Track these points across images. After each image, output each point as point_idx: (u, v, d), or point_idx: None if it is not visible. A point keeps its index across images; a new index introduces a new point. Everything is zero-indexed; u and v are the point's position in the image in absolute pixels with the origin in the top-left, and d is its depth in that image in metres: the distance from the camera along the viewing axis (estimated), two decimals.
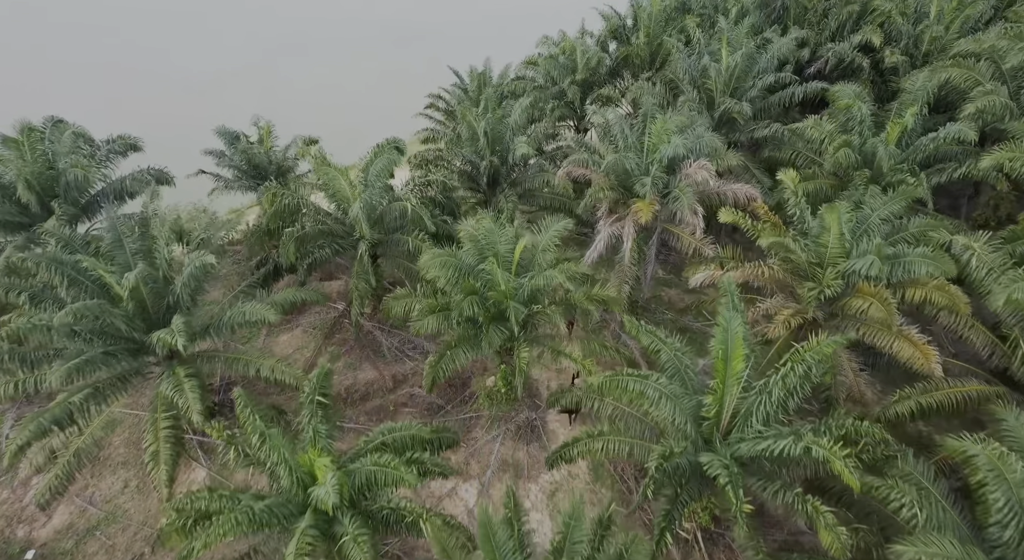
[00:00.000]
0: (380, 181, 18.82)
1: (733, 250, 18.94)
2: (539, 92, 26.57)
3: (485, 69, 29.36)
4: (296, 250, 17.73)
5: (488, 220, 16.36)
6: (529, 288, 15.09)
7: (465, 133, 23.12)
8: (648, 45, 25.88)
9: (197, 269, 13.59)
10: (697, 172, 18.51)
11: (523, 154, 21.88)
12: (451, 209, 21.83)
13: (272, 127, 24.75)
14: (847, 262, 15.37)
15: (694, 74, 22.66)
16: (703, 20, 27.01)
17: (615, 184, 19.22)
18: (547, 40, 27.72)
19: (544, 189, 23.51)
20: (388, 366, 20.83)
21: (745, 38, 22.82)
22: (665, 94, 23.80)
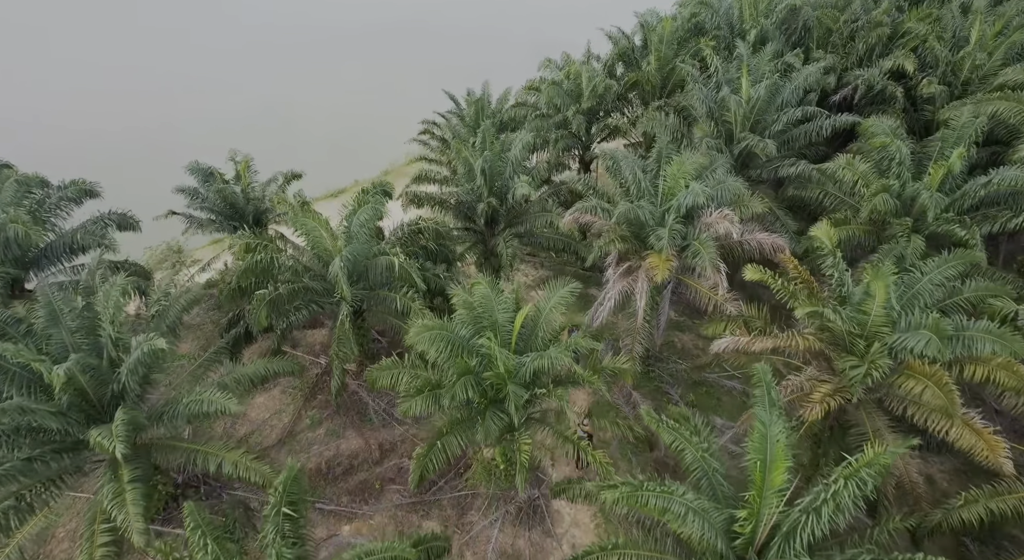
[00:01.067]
0: (365, 231, 16.94)
1: (759, 309, 17.06)
2: (541, 120, 24.75)
3: (483, 93, 27.54)
4: (269, 314, 15.84)
5: (484, 285, 14.48)
6: (531, 369, 13.19)
7: (461, 169, 21.29)
8: (659, 70, 24.05)
9: (145, 355, 11.68)
10: (719, 223, 16.65)
11: (524, 194, 20.01)
12: (445, 256, 19.95)
13: (251, 161, 22.90)
14: (895, 336, 13.47)
15: (711, 105, 20.82)
16: (719, 43, 25.16)
17: (627, 234, 17.35)
18: (550, 63, 25.90)
19: (547, 229, 21.66)
20: (375, 432, 18.93)
21: (768, 66, 20.92)
22: (679, 126, 21.94)
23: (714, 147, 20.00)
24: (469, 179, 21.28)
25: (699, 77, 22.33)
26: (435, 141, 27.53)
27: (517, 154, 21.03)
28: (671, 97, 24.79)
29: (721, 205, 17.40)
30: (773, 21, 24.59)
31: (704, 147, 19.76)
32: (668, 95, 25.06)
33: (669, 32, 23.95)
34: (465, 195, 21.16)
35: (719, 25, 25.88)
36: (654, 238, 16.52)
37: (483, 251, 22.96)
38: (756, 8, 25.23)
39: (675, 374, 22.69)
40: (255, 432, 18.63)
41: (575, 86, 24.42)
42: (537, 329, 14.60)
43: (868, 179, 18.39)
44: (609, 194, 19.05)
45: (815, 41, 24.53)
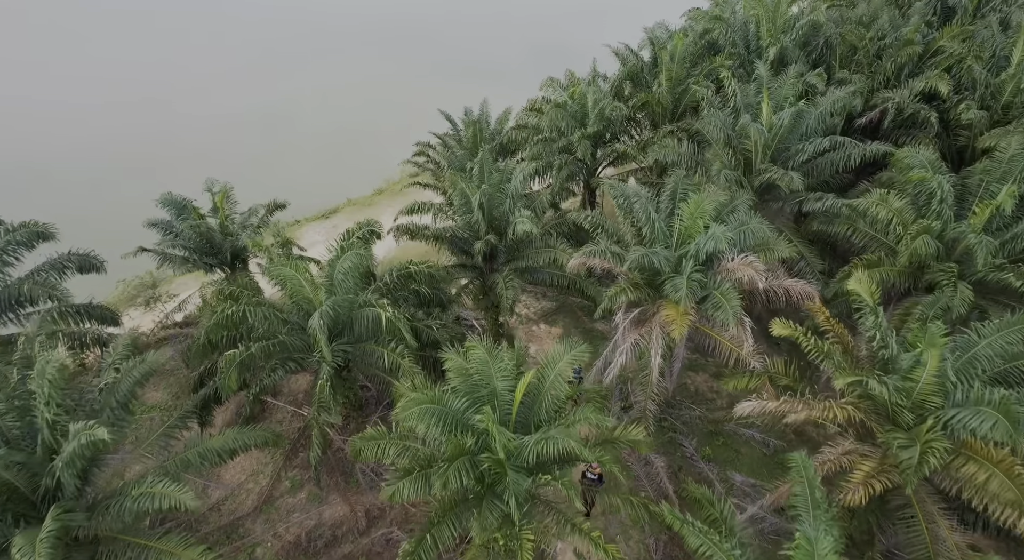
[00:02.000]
0: (350, 280, 15.27)
1: (787, 365, 15.38)
2: (544, 145, 23.08)
3: (482, 113, 25.97)
4: (240, 376, 14.18)
5: (481, 349, 12.81)
6: (534, 452, 11.51)
7: (457, 200, 19.60)
8: (671, 91, 22.40)
9: (83, 447, 10.00)
10: (742, 271, 14.96)
11: (525, 231, 18.33)
12: (439, 300, 18.29)
13: (230, 191, 21.24)
14: (951, 412, 11.80)
15: (729, 133, 19.15)
16: (735, 61, 23.50)
17: (639, 282, 15.68)
18: (552, 82, 24.27)
19: (551, 266, 19.95)
20: (361, 496, 17.28)
21: (791, 91, 19.26)
22: (693, 153, 20.27)
23: (733, 179, 18.33)
24: (466, 212, 19.61)
25: (715, 101, 20.68)
26: (430, 164, 25.90)
27: (518, 186, 19.37)
28: (683, 119, 23.15)
29: (744, 249, 15.73)
30: (793, 38, 22.94)
31: (722, 179, 18.09)
32: (679, 117, 23.42)
33: (681, 50, 22.29)
34: (461, 231, 19.49)
35: (734, 41, 24.24)
36: (671, 288, 14.85)
37: (481, 287, 21.30)
38: (774, 24, 23.58)
39: (689, 422, 21.01)
40: (229, 498, 16.97)
41: (580, 108, 22.78)
42: (541, 397, 12.95)
43: (904, 217, 16.72)
44: (619, 234, 17.39)
45: (838, 59, 22.89)
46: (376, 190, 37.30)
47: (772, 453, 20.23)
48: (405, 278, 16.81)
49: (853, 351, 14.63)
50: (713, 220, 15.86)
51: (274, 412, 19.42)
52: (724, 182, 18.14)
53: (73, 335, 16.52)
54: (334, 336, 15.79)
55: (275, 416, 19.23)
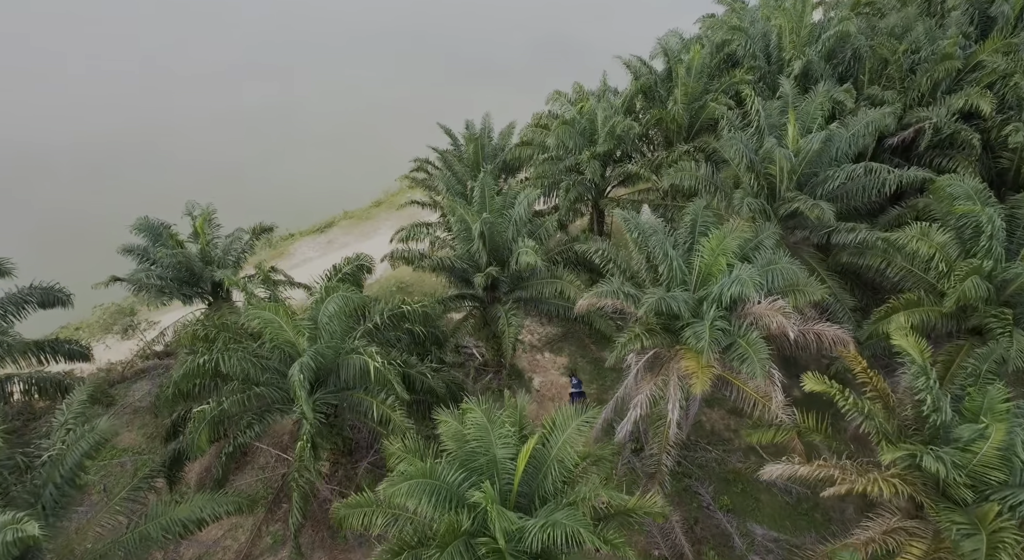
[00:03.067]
0: (336, 324, 13.79)
1: (818, 421, 13.87)
2: (550, 164, 21.58)
3: (484, 127, 24.50)
4: (212, 433, 12.73)
5: (478, 412, 11.35)
6: (538, 538, 10.04)
7: (456, 227, 18.16)
8: (687, 108, 20.85)
9: (8, 545, 8.56)
10: (771, 317, 13.45)
11: (529, 264, 16.87)
12: (436, 338, 16.83)
13: (212, 214, 19.79)
14: (1021, 494, 10.28)
15: (752, 157, 17.62)
16: (755, 74, 21.95)
17: (655, 327, 14.18)
18: (559, 96, 22.76)
19: (557, 298, 18.50)
20: (349, 552, 15.85)
21: (819, 110, 17.73)
22: (712, 176, 18.76)
23: (757, 208, 16.80)
24: (465, 240, 18.17)
25: (736, 120, 19.14)
26: (429, 180, 24.40)
27: (522, 213, 17.91)
28: (699, 137, 21.61)
29: (772, 291, 14.20)
30: (819, 50, 21.36)
31: (745, 209, 16.56)
32: (696, 135, 21.88)
33: (699, 65, 20.74)
34: (460, 260, 18.03)
35: (754, 53, 22.67)
36: (691, 337, 13.35)
37: (481, 318, 19.85)
38: (798, 35, 22.02)
39: (705, 465, 19.53)
40: (204, 557, 15.51)
41: (589, 124, 21.26)
42: (547, 467, 11.49)
43: (948, 254, 15.19)
44: (632, 270, 15.89)
45: (867, 73, 21.31)
46: (374, 202, 35.85)
47: (796, 502, 18.74)
48: (397, 318, 15.34)
49: (895, 408, 13.12)
50: (737, 257, 14.36)
51: (256, 456, 18.00)
52: (747, 211, 16.61)
53: (30, 379, 15.09)
54: (318, 384, 14.37)
55: (257, 460, 17.80)
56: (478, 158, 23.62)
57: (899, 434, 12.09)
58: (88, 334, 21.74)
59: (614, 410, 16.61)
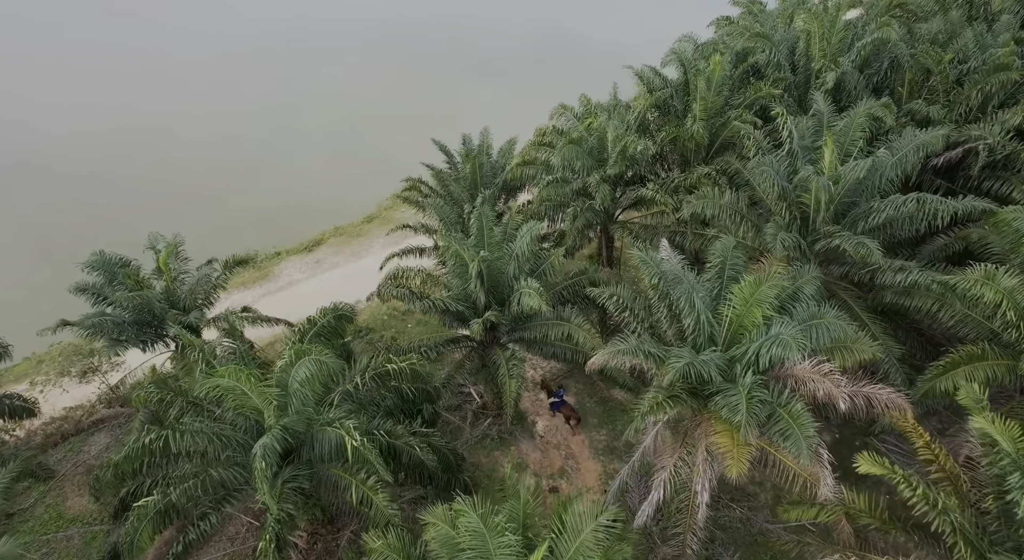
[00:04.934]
0: (308, 390, 11.87)
1: (872, 506, 11.93)
2: (555, 187, 19.63)
3: (482, 142, 22.59)
4: (157, 529, 10.82)
5: (473, 516, 9.44)
6: None
7: (451, 264, 16.25)
8: (707, 126, 18.87)
9: None
10: (817, 383, 11.52)
11: (532, 307, 14.96)
12: (427, 394, 14.91)
13: (179, 246, 17.87)
14: None
15: (784, 185, 15.66)
16: (780, 86, 19.95)
17: (680, 392, 12.25)
18: (565, 111, 20.79)
19: (563, 342, 16.58)
20: None
21: (859, 131, 15.77)
22: (737, 203, 16.82)
23: (792, 245, 14.83)
24: (461, 278, 16.26)
25: (763, 141, 17.16)
26: (422, 201, 22.46)
27: (524, 248, 15.96)
28: (719, 156, 19.64)
29: (815, 349, 12.26)
30: (853, 60, 19.37)
31: (779, 246, 14.60)
32: (715, 154, 19.91)
33: (720, 77, 18.74)
34: (456, 302, 16.10)
35: (778, 62, 20.66)
36: (725, 410, 11.44)
37: (479, 361, 17.93)
38: (828, 42, 20.01)
39: (728, 526, 17.59)
40: None
41: (598, 143, 19.29)
42: None
43: (1018, 300, 13.20)
44: (651, 318, 13.94)
45: (907, 85, 19.30)
46: (366, 217, 33.87)
47: None
48: (381, 378, 13.41)
49: (966, 494, 11.18)
50: (773, 308, 12.43)
51: (227, 523, 16.07)
52: (781, 249, 14.65)
53: None
54: (289, 458, 12.47)
55: (225, 530, 15.87)
56: (475, 177, 21.73)
57: (981, 535, 10.15)
58: (48, 370, 19.84)
59: (630, 474, 14.72)
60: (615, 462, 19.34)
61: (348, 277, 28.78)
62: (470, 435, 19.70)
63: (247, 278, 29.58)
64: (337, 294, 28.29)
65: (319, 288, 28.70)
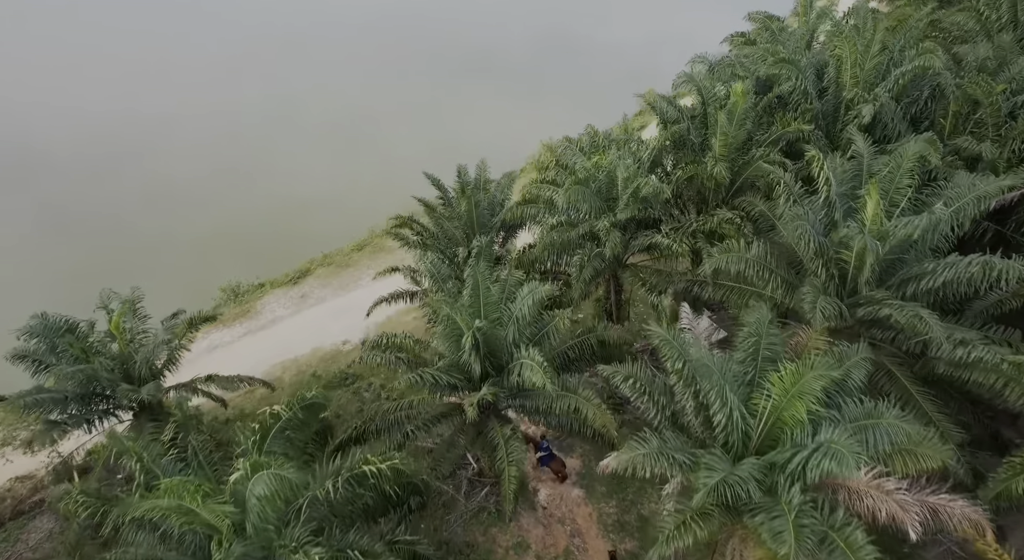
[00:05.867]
0: (268, 509, 9.90)
1: None
2: (560, 232, 17.70)
3: (478, 176, 20.65)
4: None
5: None
6: None
7: (443, 328, 14.30)
8: (729, 165, 16.93)
9: None
10: (877, 501, 9.57)
11: (536, 384, 13.02)
12: (414, 487, 12.94)
13: (136, 303, 15.94)
14: None
15: (821, 241, 13.71)
16: (808, 116, 18.01)
17: (711, 509, 10.28)
18: (571, 144, 18.88)
19: (568, 414, 14.65)
20: None
21: (906, 178, 13.83)
22: (765, 257, 14.87)
23: (833, 313, 12.87)
24: (454, 343, 14.32)
25: (794, 186, 15.23)
26: (412, 243, 20.52)
27: (526, 312, 14.03)
28: (742, 196, 17.69)
29: (873, 455, 10.31)
30: (890, 89, 17.42)
31: (819, 316, 12.64)
32: (737, 193, 17.96)
33: (743, 109, 16.79)
34: (446, 373, 14.13)
35: (805, 90, 18.68)
36: (767, 534, 9.45)
37: (475, 432, 15.96)
38: (861, 68, 18.05)
39: None
40: None
41: (607, 182, 17.35)
42: None
43: None
44: (675, 407, 11.99)
45: (950, 118, 17.35)
46: (356, 244, 31.81)
47: None
48: (358, 479, 11.42)
49: None
50: (818, 402, 10.49)
51: None
52: (821, 319, 12.70)
53: None
54: None
55: None
56: (472, 216, 19.77)
57: None
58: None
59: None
60: (627, 540, 17.37)
61: (334, 314, 26.82)
62: (465, 508, 17.74)
63: (227, 315, 27.61)
64: (322, 333, 26.65)
65: (304, 326, 26.77)
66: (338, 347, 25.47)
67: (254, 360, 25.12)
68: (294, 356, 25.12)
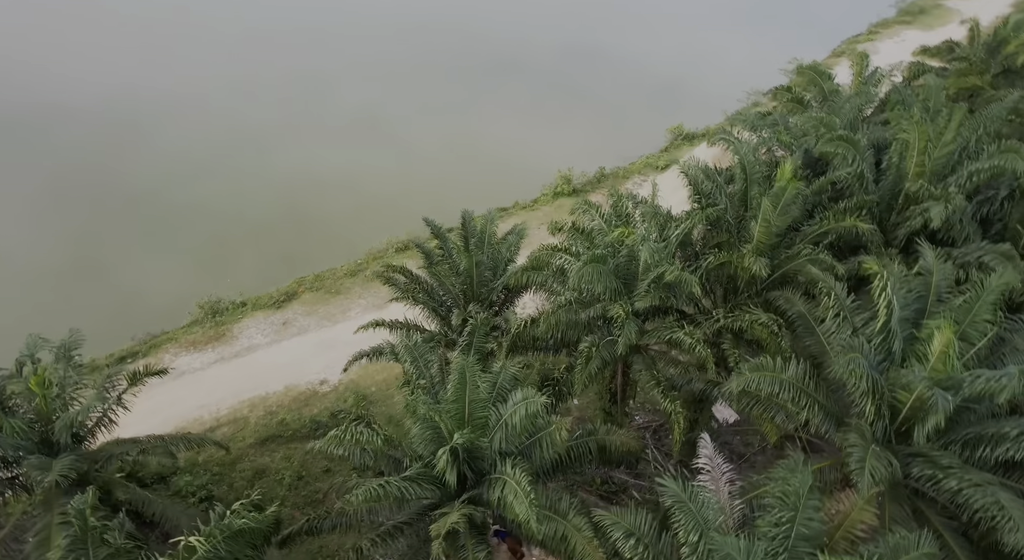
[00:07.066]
0: None
1: None
2: (567, 312, 15.49)
3: (486, 230, 18.44)
4: None
5: None
6: None
7: (418, 430, 12.15)
8: (772, 254, 14.72)
9: None
10: None
11: (518, 516, 10.88)
12: None
13: (72, 350, 13.81)
14: None
15: (875, 377, 11.45)
16: (863, 207, 15.75)
17: None
18: (589, 209, 16.68)
19: (556, 541, 12.44)
20: None
21: (986, 307, 11.59)
22: (804, 381, 12.63)
23: (885, 474, 10.62)
24: (430, 443, 12.21)
25: (845, 301, 12.98)
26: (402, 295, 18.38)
27: (517, 423, 11.86)
28: (778, 291, 15.44)
29: None
30: (961, 185, 15.18)
31: (867, 478, 10.38)
32: (772, 286, 15.71)
33: (793, 190, 14.55)
34: (418, 485, 11.95)
35: (861, 174, 16.41)
36: None
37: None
38: (929, 156, 15.80)
39: None
40: None
41: (627, 261, 15.12)
42: None
43: None
44: None
45: None
46: (349, 270, 29.55)
47: None
48: None
49: None
50: None
51: None
52: (870, 482, 10.45)
53: None
54: None
55: None
56: (471, 275, 17.62)
57: None
58: None
59: None
60: None
61: (316, 348, 24.63)
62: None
63: (200, 337, 25.49)
64: (299, 369, 24.29)
65: (281, 359, 24.57)
66: (314, 387, 23.28)
67: (221, 392, 23.02)
68: (264, 392, 22.94)
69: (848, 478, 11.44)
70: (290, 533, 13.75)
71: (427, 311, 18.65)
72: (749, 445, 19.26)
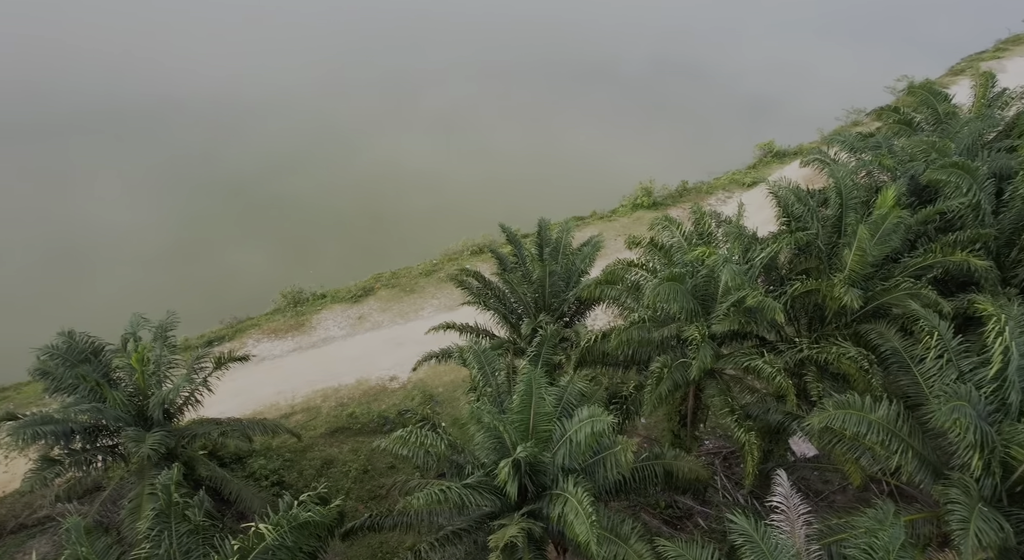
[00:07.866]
0: None
1: None
2: (639, 329, 15.03)
3: (562, 240, 18.26)
4: None
5: None
6: None
7: (481, 437, 12.12)
8: (866, 285, 13.69)
9: None
10: None
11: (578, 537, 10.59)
12: None
13: (168, 331, 14.68)
14: None
15: (985, 430, 10.41)
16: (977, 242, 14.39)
17: None
18: (669, 225, 16.14)
19: None
20: None
21: None
22: (895, 423, 11.67)
23: (995, 539, 9.58)
24: (492, 452, 12.14)
25: (950, 341, 11.87)
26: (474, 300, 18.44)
27: (582, 439, 11.57)
28: (869, 323, 14.34)
29: None
30: None
31: (972, 540, 9.40)
32: (863, 318, 14.61)
33: (891, 222, 13.49)
34: (478, 494, 11.89)
35: (978, 205, 15.01)
36: None
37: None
38: None
39: None
40: None
41: (705, 283, 14.49)
42: None
43: None
44: None
45: None
46: (424, 269, 30.13)
47: None
48: None
49: None
50: None
51: None
52: (976, 545, 9.45)
53: None
54: None
55: None
56: (543, 285, 17.46)
57: None
58: None
59: None
60: None
61: (387, 344, 25.20)
62: None
63: (281, 325, 26.66)
64: (371, 364, 24.89)
65: (354, 352, 25.29)
66: (384, 383, 23.80)
67: (297, 381, 23.94)
68: (337, 384, 23.66)
69: (947, 537, 10.41)
70: (353, 527, 13.98)
71: (497, 317, 18.68)
72: (828, 482, 18.01)
